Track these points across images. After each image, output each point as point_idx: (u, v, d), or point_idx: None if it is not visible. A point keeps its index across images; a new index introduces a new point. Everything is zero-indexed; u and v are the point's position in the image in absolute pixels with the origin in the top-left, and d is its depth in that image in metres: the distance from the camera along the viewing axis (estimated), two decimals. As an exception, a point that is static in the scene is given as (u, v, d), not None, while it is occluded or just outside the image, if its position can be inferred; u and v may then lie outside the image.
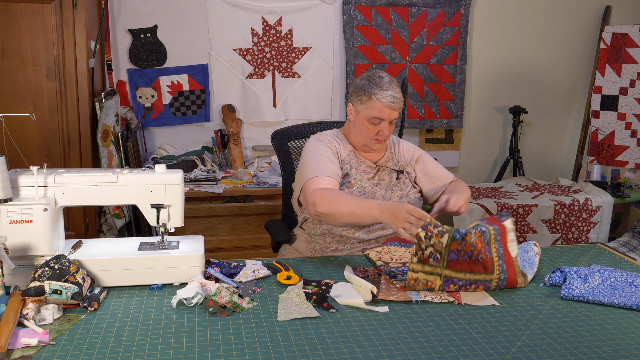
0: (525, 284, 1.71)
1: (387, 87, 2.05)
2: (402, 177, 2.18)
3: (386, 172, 2.18)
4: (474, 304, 1.57)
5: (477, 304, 1.57)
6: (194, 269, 1.65)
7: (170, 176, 1.68)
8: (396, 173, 2.18)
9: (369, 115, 2.06)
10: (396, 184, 2.17)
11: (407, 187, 2.18)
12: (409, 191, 2.17)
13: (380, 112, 2.05)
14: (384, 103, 2.03)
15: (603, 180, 3.86)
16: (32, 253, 1.57)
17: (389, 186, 2.15)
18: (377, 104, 2.04)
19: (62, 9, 2.83)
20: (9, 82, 2.82)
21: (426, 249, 1.60)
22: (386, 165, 2.19)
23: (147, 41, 3.58)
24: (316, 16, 3.78)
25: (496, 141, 4.29)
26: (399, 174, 2.18)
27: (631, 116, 3.92)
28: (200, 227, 3.27)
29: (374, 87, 2.05)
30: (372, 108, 2.05)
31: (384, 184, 2.15)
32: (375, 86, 2.05)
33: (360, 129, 2.12)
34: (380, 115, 2.05)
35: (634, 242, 3.47)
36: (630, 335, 1.42)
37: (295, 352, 1.29)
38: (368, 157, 2.19)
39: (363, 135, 2.12)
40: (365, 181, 2.13)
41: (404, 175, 2.19)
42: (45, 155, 2.91)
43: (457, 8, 3.91)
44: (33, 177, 1.58)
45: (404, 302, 1.57)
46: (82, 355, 1.27)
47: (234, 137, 3.74)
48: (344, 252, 2.08)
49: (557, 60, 4.22)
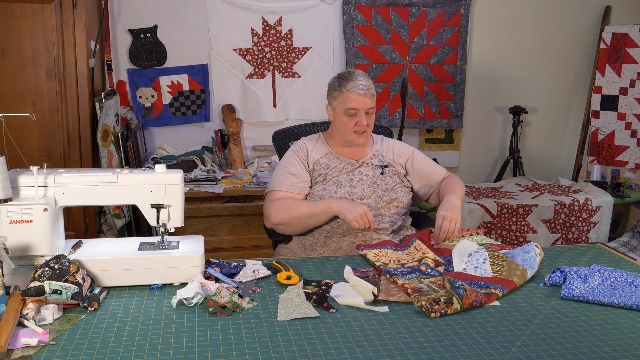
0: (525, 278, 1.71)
1: (356, 78, 2.12)
2: (387, 172, 2.20)
3: (370, 168, 2.20)
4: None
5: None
6: (194, 269, 1.65)
7: (170, 176, 1.68)
8: (380, 168, 2.20)
9: (343, 108, 2.13)
10: (380, 178, 2.19)
11: (393, 181, 2.20)
12: (396, 185, 2.19)
13: (353, 102, 2.10)
14: (354, 92, 2.10)
15: (603, 180, 3.86)
16: (32, 253, 1.57)
17: (372, 181, 2.18)
18: (348, 95, 2.11)
19: (62, 9, 2.83)
20: (9, 82, 2.82)
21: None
22: (370, 162, 2.21)
23: (147, 41, 3.58)
24: (316, 16, 3.78)
25: (496, 141, 4.29)
26: (383, 168, 2.20)
27: (631, 116, 3.92)
28: (200, 227, 3.27)
29: (343, 81, 2.13)
30: (345, 100, 2.12)
31: (367, 180, 2.18)
32: (344, 80, 2.13)
33: (339, 124, 2.18)
34: (355, 106, 2.11)
35: (634, 242, 3.47)
36: (630, 335, 1.42)
37: (295, 352, 1.29)
38: (350, 154, 2.23)
39: (343, 131, 2.17)
40: (343, 176, 2.17)
41: (390, 171, 2.21)
42: (45, 155, 2.91)
43: (457, 8, 3.91)
44: (33, 177, 1.58)
45: (404, 302, 1.57)
46: (82, 355, 1.27)
47: (234, 137, 3.74)
48: (332, 246, 2.10)
49: (557, 60, 4.22)
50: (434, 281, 1.69)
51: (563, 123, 4.37)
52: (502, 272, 1.71)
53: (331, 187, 2.14)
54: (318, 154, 2.22)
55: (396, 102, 3.94)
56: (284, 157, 2.26)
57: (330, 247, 2.11)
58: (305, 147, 2.24)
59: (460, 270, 1.74)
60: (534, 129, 4.31)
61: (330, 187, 2.14)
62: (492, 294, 1.60)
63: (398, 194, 2.17)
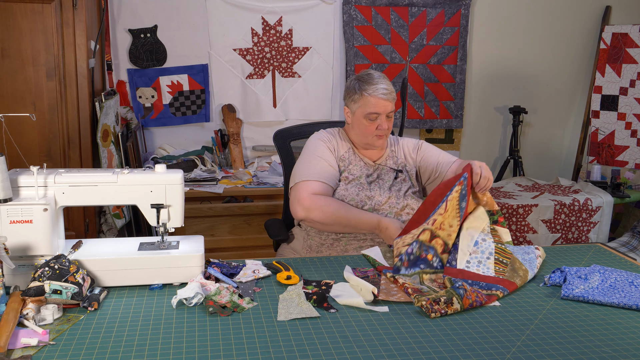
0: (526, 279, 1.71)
1: (377, 82, 2.08)
2: (400, 177, 2.19)
3: (385, 171, 2.19)
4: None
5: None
6: (194, 269, 1.65)
7: (170, 176, 1.68)
8: (395, 172, 2.19)
9: (364, 112, 2.09)
10: (394, 184, 2.17)
11: (406, 185, 2.18)
12: (408, 190, 2.18)
13: (374, 107, 2.07)
14: (375, 97, 2.06)
15: (603, 180, 3.86)
16: (32, 253, 1.57)
17: (388, 186, 2.16)
18: (370, 99, 2.07)
19: (62, 9, 2.83)
20: (9, 82, 2.82)
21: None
22: (386, 164, 2.20)
23: (147, 41, 3.58)
24: (316, 16, 3.78)
25: (496, 141, 4.29)
26: (398, 173, 2.19)
27: (631, 116, 3.92)
28: (200, 227, 3.27)
29: (364, 84, 2.09)
30: (366, 104, 2.08)
31: (384, 184, 2.16)
32: (365, 83, 2.09)
33: (359, 128, 2.13)
34: (376, 110, 2.08)
35: (634, 242, 3.47)
36: (630, 335, 1.42)
37: (295, 352, 1.29)
38: (368, 155, 2.20)
39: (363, 134, 2.13)
40: (364, 178, 2.14)
41: (403, 175, 2.20)
42: (45, 155, 2.91)
43: (457, 8, 3.91)
44: (33, 177, 1.58)
45: (404, 302, 1.57)
46: (82, 355, 1.27)
47: (234, 137, 3.74)
48: (339, 249, 2.09)
49: (557, 60, 4.22)
50: (434, 279, 1.69)
51: (563, 123, 4.37)
52: (505, 273, 1.71)
53: (354, 188, 2.10)
54: (342, 149, 2.19)
55: (396, 102, 3.93)
56: (312, 146, 2.17)
57: (336, 249, 2.10)
58: (332, 139, 2.19)
59: (463, 267, 1.72)
60: (534, 129, 4.31)
61: (353, 189, 2.10)
62: (493, 294, 1.60)
63: (409, 201, 2.14)
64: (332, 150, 2.16)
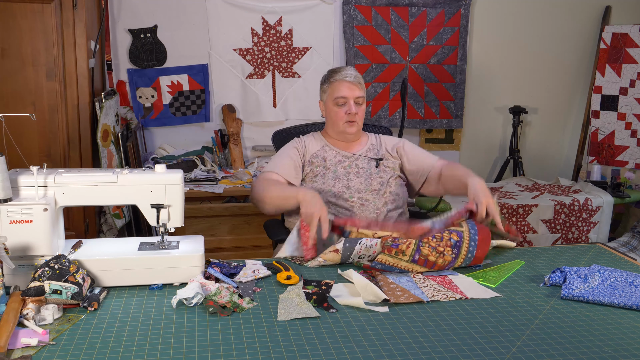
0: None
1: (344, 69, 2.24)
2: (381, 166, 2.22)
3: (365, 161, 2.23)
4: (479, 298, 1.60)
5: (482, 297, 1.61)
6: (194, 269, 1.65)
7: (170, 176, 1.68)
8: (375, 161, 2.23)
9: (332, 98, 2.21)
10: (376, 172, 2.22)
11: (387, 174, 2.23)
12: (390, 178, 2.22)
13: (341, 91, 2.19)
14: (341, 81, 2.20)
15: (603, 180, 3.86)
16: (32, 253, 1.57)
17: (368, 174, 2.21)
18: (336, 85, 2.21)
19: (62, 9, 2.83)
20: (9, 82, 2.82)
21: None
22: (366, 155, 2.25)
23: (147, 41, 3.58)
24: (316, 16, 3.78)
25: (496, 141, 4.29)
26: (378, 161, 2.24)
27: (631, 116, 3.92)
28: (200, 227, 3.27)
29: (332, 73, 2.25)
30: (334, 90, 2.21)
31: (363, 173, 2.21)
32: (332, 72, 2.26)
33: (330, 116, 2.26)
34: (343, 94, 2.19)
35: (634, 242, 3.47)
36: (630, 335, 1.42)
37: (295, 352, 1.29)
38: (345, 148, 2.28)
39: (334, 122, 2.24)
40: (340, 169, 2.21)
41: (384, 164, 2.24)
42: (45, 155, 2.91)
43: (457, 8, 3.91)
44: (33, 177, 1.58)
45: (405, 303, 1.57)
46: (82, 355, 1.27)
47: (234, 137, 3.74)
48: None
49: (557, 60, 4.22)
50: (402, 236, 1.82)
51: (563, 123, 4.37)
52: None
53: (330, 180, 2.18)
54: (315, 147, 2.28)
55: (396, 102, 3.94)
56: (283, 147, 2.33)
57: None
58: (304, 141, 2.31)
59: (429, 225, 1.86)
60: (534, 129, 4.31)
61: (330, 181, 2.18)
62: (454, 231, 1.78)
63: (392, 187, 2.19)
64: (301, 152, 2.26)
